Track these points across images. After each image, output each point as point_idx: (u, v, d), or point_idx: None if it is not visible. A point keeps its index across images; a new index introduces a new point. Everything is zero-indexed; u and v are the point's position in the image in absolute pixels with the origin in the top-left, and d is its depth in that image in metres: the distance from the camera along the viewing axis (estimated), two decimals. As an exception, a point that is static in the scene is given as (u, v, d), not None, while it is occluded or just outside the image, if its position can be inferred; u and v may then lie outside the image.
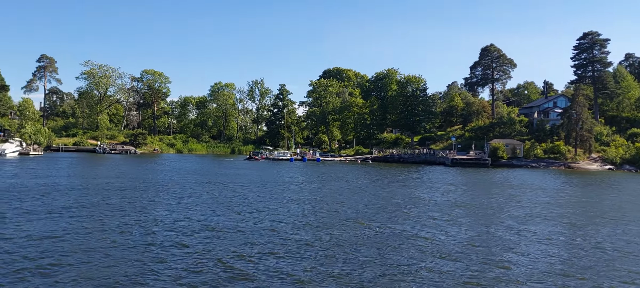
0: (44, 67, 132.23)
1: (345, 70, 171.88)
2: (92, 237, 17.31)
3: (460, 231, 20.48)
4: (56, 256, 14.48)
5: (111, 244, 16.22)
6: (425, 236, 19.03)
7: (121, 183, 36.54)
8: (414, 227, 21.12)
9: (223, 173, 52.62)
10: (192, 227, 19.70)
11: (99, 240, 16.82)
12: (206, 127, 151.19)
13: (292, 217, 22.83)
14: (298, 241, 17.59)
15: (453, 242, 18.19)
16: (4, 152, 74.42)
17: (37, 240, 16.44)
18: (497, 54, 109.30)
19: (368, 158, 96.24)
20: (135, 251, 15.44)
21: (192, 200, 28.16)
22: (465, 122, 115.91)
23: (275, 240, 17.65)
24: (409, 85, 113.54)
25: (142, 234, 18.04)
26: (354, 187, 38.48)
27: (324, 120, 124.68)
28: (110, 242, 16.58)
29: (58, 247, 15.55)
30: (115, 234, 17.88)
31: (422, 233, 19.67)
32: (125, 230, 18.62)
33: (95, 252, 15.12)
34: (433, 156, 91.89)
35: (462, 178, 51.26)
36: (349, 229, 20.15)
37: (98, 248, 15.60)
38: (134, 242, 16.73)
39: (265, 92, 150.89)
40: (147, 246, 16.13)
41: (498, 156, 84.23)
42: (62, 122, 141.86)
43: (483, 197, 33.32)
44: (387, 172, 61.40)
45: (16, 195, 27.54)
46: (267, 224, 20.76)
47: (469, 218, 24.14)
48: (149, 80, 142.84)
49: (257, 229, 19.65)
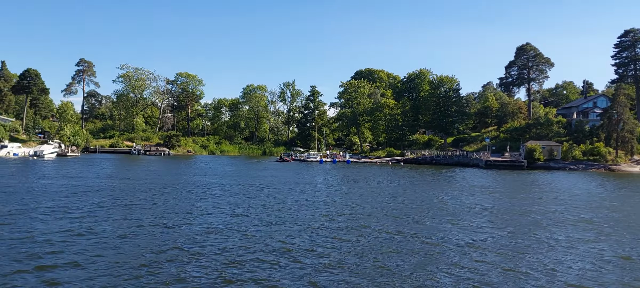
0: (82, 70, 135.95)
1: (377, 71, 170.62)
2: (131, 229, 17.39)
3: (493, 240, 19.65)
4: (90, 256, 14.54)
5: (163, 243, 16.24)
6: (456, 243, 18.31)
7: (157, 185, 36.93)
8: (443, 234, 20.41)
9: (254, 174, 52.72)
10: (222, 222, 19.60)
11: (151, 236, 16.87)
12: (239, 129, 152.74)
13: (309, 221, 22.45)
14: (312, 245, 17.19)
15: (482, 254, 17.40)
16: (41, 153, 76.81)
17: (58, 234, 16.62)
18: (534, 52, 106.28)
19: (399, 160, 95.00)
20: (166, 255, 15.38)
21: (223, 200, 28.16)
22: (500, 123, 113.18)
23: (287, 240, 17.35)
24: (442, 86, 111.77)
25: (171, 238, 18.01)
26: (382, 190, 37.81)
27: (355, 122, 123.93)
28: (158, 241, 16.60)
29: (86, 248, 15.65)
30: (163, 237, 17.92)
31: (452, 239, 18.96)
32: (163, 233, 18.64)
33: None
34: (466, 158, 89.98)
35: (495, 181, 49.80)
36: (372, 235, 19.63)
37: (160, 245, 15.63)
38: (166, 244, 16.70)
39: (296, 94, 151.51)
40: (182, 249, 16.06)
41: (534, 158, 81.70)
42: (100, 124, 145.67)
43: (518, 201, 32.14)
44: (418, 174, 60.34)
45: (49, 195, 28.14)
46: (281, 227, 20.47)
47: (501, 225, 23.21)
48: (183, 83, 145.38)
49: (270, 234, 19.37)
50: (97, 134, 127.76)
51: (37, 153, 76.30)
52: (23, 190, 30.42)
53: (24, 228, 18.43)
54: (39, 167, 53.14)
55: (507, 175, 61.38)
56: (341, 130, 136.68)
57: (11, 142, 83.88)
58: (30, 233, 17.43)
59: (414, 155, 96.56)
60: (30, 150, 78.41)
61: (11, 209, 22.70)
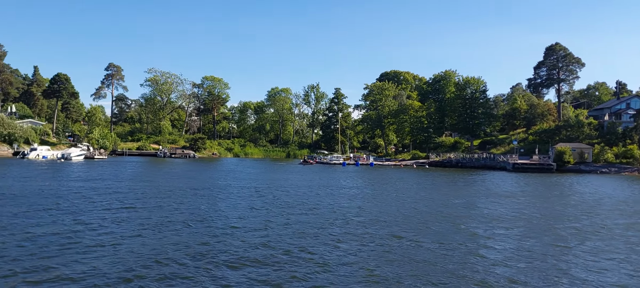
0: (111, 75, 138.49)
1: (403, 73, 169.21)
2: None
3: (516, 252, 18.81)
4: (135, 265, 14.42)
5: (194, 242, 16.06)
6: (478, 257, 17.57)
7: (184, 188, 37.02)
8: (466, 245, 19.67)
9: (277, 177, 52.48)
10: (244, 221, 19.33)
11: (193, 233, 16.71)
12: (264, 132, 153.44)
13: (330, 227, 21.96)
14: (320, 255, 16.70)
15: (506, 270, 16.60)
16: (69, 155, 78.39)
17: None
18: (563, 52, 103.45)
19: (424, 162, 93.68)
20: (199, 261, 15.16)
21: (248, 202, 27.96)
22: (529, 125, 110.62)
23: (301, 243, 16.91)
24: (468, 87, 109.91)
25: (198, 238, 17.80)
26: (403, 194, 37.05)
27: (379, 124, 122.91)
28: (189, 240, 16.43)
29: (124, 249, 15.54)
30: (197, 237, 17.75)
31: (472, 251, 18.23)
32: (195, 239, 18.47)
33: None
34: (493, 160, 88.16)
35: (523, 185, 48.42)
36: (383, 242, 19.04)
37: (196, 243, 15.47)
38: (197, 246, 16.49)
39: (320, 96, 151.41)
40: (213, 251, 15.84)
41: (564, 161, 79.49)
42: (129, 127, 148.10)
43: (546, 207, 31.03)
44: (442, 177, 59.21)
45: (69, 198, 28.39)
46: (302, 230, 20.04)
47: (525, 234, 22.31)
48: (209, 86, 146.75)
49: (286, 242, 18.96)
50: (125, 137, 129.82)
51: (64, 156, 77.88)
52: (42, 193, 30.78)
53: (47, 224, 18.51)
54: (66, 170, 54.07)
55: (536, 178, 59.73)
56: (366, 132, 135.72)
57: (41, 145, 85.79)
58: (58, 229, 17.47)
59: (439, 158, 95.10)
60: (58, 153, 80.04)
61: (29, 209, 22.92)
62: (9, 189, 31.70)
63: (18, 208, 23.80)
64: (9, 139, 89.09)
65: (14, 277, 12.65)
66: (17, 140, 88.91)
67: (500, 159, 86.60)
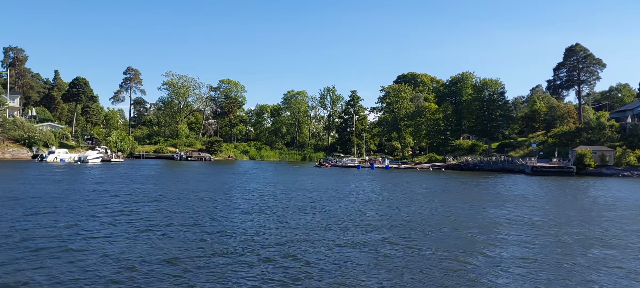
0: (129, 78, 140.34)
1: (420, 75, 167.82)
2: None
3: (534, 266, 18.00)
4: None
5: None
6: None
7: (200, 190, 36.90)
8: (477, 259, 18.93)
9: (286, 180, 52.09)
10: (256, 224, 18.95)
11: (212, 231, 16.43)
12: (280, 135, 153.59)
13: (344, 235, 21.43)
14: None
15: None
16: (86, 158, 79.26)
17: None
18: (584, 53, 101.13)
19: (441, 165, 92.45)
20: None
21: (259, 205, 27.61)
22: (549, 128, 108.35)
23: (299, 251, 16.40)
24: (486, 89, 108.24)
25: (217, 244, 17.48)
26: (411, 198, 36.30)
27: (396, 127, 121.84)
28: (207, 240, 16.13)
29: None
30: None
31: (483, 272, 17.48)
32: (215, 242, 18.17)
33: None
34: (511, 163, 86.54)
35: (542, 189, 47.06)
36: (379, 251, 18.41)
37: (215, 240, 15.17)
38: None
39: (336, 99, 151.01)
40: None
41: (584, 164, 77.53)
42: (147, 130, 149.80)
43: (565, 214, 30.00)
44: (457, 180, 58.12)
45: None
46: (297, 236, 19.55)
47: (527, 240, 21.46)
48: (226, 90, 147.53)
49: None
50: (143, 140, 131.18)
51: (81, 159, 78.78)
52: (46, 195, 30.89)
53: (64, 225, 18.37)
54: (81, 172, 54.55)
55: (555, 182, 58.25)
56: (382, 135, 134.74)
57: (59, 148, 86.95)
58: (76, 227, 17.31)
59: (456, 160, 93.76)
60: (75, 156, 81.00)
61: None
62: (15, 192, 31.92)
63: (18, 209, 23.83)
64: (28, 142, 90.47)
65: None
66: (36, 144, 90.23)
67: (519, 162, 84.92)
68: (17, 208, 24.68)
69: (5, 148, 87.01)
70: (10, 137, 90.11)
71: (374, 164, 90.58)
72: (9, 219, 21.38)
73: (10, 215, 22.42)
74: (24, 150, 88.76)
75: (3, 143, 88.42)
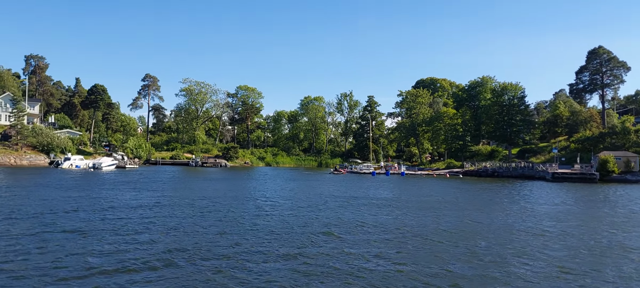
0: (148, 85, 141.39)
1: (440, 80, 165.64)
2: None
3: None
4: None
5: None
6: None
7: (210, 196, 36.20)
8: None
9: (292, 187, 51.04)
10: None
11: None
12: (297, 141, 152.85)
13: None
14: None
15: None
16: (100, 165, 79.26)
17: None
18: (607, 56, 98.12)
19: (459, 171, 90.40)
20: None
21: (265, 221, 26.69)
22: (571, 133, 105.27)
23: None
24: (506, 94, 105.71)
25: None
26: (418, 206, 34.91)
27: (413, 132, 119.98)
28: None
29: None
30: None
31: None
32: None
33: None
34: (531, 170, 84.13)
35: (562, 196, 45.06)
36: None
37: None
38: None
39: (354, 105, 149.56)
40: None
41: (608, 170, 74.80)
42: (166, 136, 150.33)
43: (587, 227, 28.30)
44: (473, 187, 56.30)
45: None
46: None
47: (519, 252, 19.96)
48: (243, 96, 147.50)
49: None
50: (161, 147, 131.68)
51: (95, 166, 78.93)
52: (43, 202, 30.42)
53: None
54: (90, 179, 54.43)
55: (577, 189, 56.05)
56: (399, 140, 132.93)
57: (75, 155, 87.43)
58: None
59: (474, 166, 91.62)
60: (89, 163, 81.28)
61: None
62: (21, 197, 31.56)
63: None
64: (46, 149, 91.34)
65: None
66: (53, 150, 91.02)
67: (539, 168, 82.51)
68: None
69: (23, 154, 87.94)
70: (28, 143, 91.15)
71: (389, 171, 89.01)
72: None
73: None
74: (41, 156, 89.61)
75: (21, 149, 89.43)
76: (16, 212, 25.31)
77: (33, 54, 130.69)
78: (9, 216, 23.97)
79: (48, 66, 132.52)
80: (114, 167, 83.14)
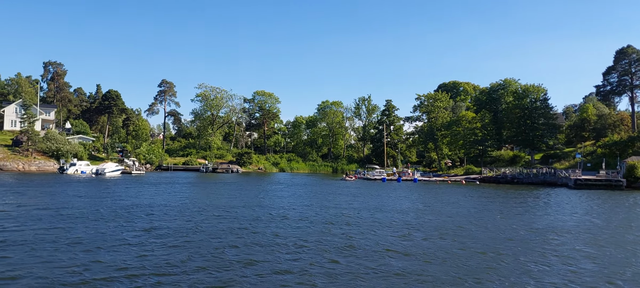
0: (164, 91, 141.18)
1: (462, 83, 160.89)
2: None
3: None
4: None
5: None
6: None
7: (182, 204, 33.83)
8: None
9: (278, 195, 48.30)
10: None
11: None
12: (316, 146, 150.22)
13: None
14: None
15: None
16: (103, 171, 77.81)
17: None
18: (636, 56, 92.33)
19: (476, 178, 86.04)
20: None
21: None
22: (598, 137, 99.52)
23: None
24: (528, 96, 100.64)
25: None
26: (405, 219, 31.64)
27: (432, 137, 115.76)
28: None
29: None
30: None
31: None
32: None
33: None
34: (553, 176, 79.23)
35: (584, 205, 40.99)
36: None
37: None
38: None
39: (372, 109, 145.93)
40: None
41: (636, 176, 69.40)
42: (185, 142, 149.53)
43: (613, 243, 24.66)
44: (486, 195, 52.38)
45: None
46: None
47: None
48: (260, 101, 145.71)
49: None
50: (177, 152, 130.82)
51: (98, 172, 77.62)
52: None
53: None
54: (84, 186, 52.90)
55: (601, 197, 51.58)
56: (417, 145, 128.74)
57: (81, 161, 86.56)
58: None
59: (492, 172, 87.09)
60: (93, 168, 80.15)
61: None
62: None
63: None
64: (56, 154, 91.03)
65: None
66: (64, 156, 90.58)
67: (562, 174, 77.55)
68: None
69: (32, 160, 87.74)
70: (39, 149, 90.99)
71: (401, 177, 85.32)
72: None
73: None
74: (51, 162, 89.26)
75: (31, 155, 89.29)
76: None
77: (51, 61, 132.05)
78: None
79: (66, 72, 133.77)
80: (119, 172, 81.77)
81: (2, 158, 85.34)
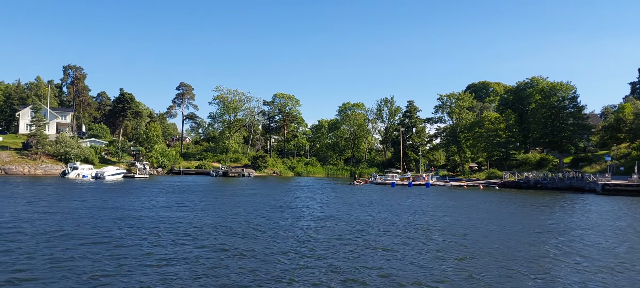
0: (182, 94, 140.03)
1: (492, 84, 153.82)
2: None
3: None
4: None
5: None
6: None
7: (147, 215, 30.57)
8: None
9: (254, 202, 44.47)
10: None
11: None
12: (338, 149, 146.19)
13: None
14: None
15: None
16: (103, 175, 75.86)
17: None
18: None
19: (495, 183, 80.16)
20: None
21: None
22: (635, 138, 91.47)
23: None
24: (556, 94, 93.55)
25: None
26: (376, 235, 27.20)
27: (454, 139, 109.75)
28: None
29: None
30: None
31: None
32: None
33: None
34: (580, 181, 72.51)
35: (612, 215, 35.38)
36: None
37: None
38: None
39: (395, 111, 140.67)
40: None
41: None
42: (206, 145, 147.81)
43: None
44: (507, 202, 47.03)
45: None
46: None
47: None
48: (280, 104, 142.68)
49: None
50: (194, 156, 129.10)
51: (98, 175, 75.79)
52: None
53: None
54: (70, 191, 50.64)
55: (630, 204, 45.57)
56: (440, 148, 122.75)
57: (84, 164, 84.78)
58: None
59: (514, 177, 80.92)
60: (93, 172, 78.38)
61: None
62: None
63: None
64: (65, 158, 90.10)
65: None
66: (72, 159, 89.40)
67: (590, 179, 70.85)
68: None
69: (39, 163, 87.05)
70: (48, 152, 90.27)
71: (412, 181, 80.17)
72: None
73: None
74: (58, 166, 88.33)
75: (39, 158, 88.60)
76: None
77: (71, 64, 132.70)
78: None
79: (85, 76, 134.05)
80: (120, 176, 79.83)
81: (9, 162, 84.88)
